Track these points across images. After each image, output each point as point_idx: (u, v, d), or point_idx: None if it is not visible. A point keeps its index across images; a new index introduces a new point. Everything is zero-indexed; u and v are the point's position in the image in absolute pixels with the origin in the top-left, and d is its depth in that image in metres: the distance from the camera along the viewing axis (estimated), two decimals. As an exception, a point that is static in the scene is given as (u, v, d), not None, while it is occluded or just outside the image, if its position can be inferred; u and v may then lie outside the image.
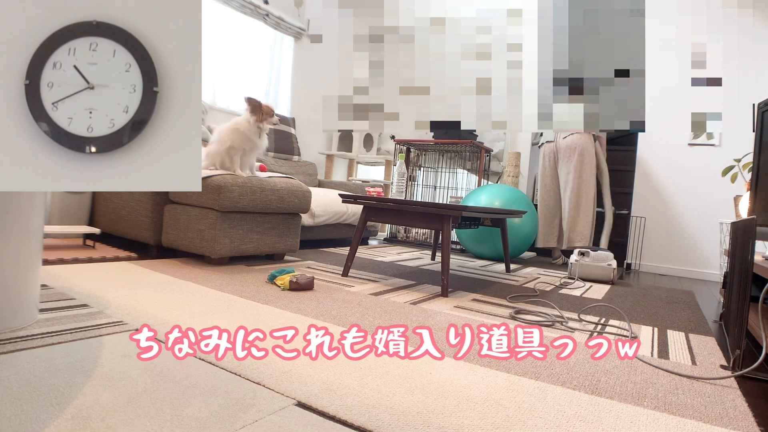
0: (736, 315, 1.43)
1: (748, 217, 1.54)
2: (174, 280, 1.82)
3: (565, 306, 2.04)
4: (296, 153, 3.83)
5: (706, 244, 3.78)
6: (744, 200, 2.45)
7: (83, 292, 1.53)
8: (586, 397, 1.04)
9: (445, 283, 2.01)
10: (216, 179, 2.17)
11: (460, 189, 4.46)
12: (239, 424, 0.79)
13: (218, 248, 2.17)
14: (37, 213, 1.19)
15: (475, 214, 2.26)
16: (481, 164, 3.99)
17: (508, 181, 4.26)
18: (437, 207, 2.02)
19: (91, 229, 2.35)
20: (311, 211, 3.05)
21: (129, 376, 0.94)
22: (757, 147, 1.83)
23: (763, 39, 3.55)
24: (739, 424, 0.97)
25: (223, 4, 3.57)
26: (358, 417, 0.85)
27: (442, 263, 2.03)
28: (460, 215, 2.04)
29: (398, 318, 1.57)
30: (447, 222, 2.02)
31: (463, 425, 0.86)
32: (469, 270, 2.90)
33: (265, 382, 0.97)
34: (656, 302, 2.37)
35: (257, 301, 1.63)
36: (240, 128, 2.31)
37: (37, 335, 1.11)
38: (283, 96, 4.23)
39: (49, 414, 0.76)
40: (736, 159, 3.17)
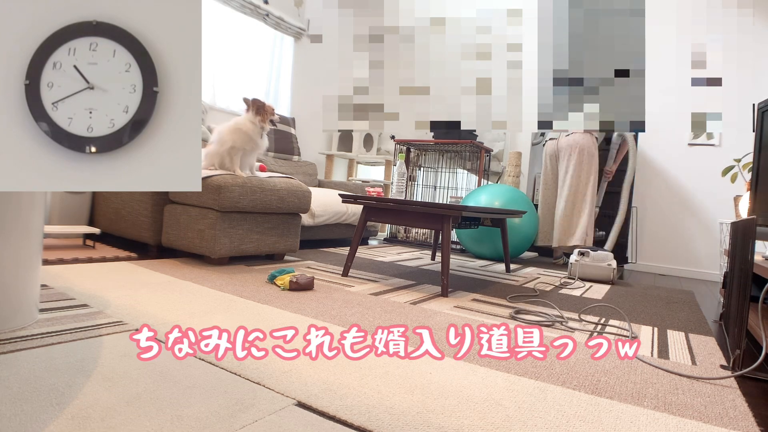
0: (736, 315, 1.43)
1: (748, 217, 1.54)
2: (174, 280, 1.82)
3: (565, 306, 2.04)
4: (296, 153, 3.83)
5: (706, 244, 3.78)
6: (744, 200, 2.45)
7: (83, 292, 1.53)
8: (586, 397, 1.04)
9: (445, 283, 2.01)
10: (216, 179, 2.17)
11: (460, 189, 4.46)
12: (239, 424, 0.79)
13: (218, 248, 2.17)
14: (37, 213, 1.19)
15: (475, 214, 2.26)
16: (481, 164, 3.99)
17: (508, 181, 4.26)
18: (438, 207, 2.02)
19: (91, 229, 2.35)
20: (311, 211, 3.05)
21: (129, 376, 0.94)
22: (757, 147, 1.83)
23: (763, 39, 3.55)
24: (739, 424, 0.97)
25: (223, 4, 3.57)
26: (358, 417, 0.85)
27: (443, 263, 2.03)
28: (460, 215, 2.04)
29: (398, 318, 1.57)
30: (447, 222, 2.03)
31: (463, 425, 0.86)
32: (469, 270, 2.90)
33: (265, 382, 0.97)
34: (656, 302, 2.37)
35: (257, 301, 1.63)
36: (242, 128, 2.31)
37: (37, 335, 1.11)
38: (283, 96, 4.23)
39: (49, 414, 0.76)
40: (736, 159, 3.17)
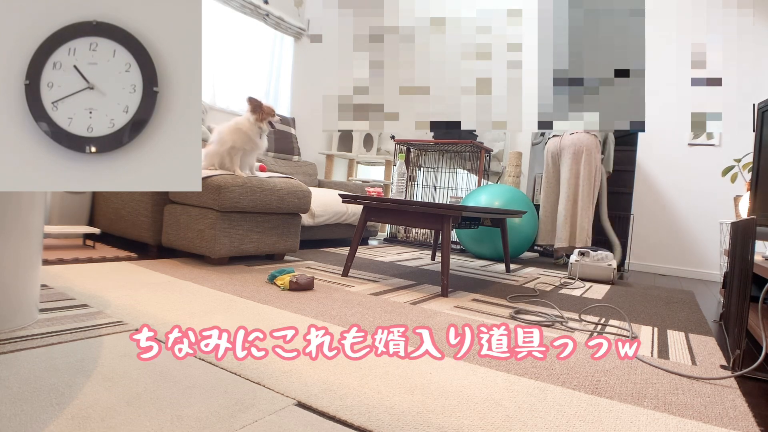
0: (736, 315, 1.43)
1: (748, 217, 1.54)
2: (174, 280, 1.82)
3: (565, 306, 2.04)
4: (296, 153, 3.83)
5: (706, 244, 3.78)
6: (744, 200, 2.45)
7: (83, 292, 1.53)
8: (586, 397, 1.04)
9: (445, 283, 2.01)
10: (216, 179, 2.17)
11: (460, 189, 4.46)
12: (239, 424, 0.79)
13: (218, 248, 2.17)
14: (37, 213, 1.19)
15: (475, 214, 2.26)
16: (481, 164, 3.99)
17: (508, 181, 4.26)
18: (437, 207, 2.02)
19: (91, 229, 2.35)
20: (311, 211, 3.05)
21: (129, 376, 0.94)
22: (757, 147, 1.83)
23: (763, 39, 3.55)
24: (739, 424, 0.97)
25: (223, 4, 3.57)
26: (358, 417, 0.85)
27: (442, 263, 2.03)
28: (460, 215, 2.04)
29: (398, 318, 1.57)
30: (447, 222, 2.03)
31: (463, 425, 0.86)
32: (469, 270, 2.90)
33: (265, 382, 0.97)
34: (656, 302, 2.37)
35: (257, 301, 1.63)
36: (242, 128, 2.31)
37: (37, 335, 1.11)
38: (283, 96, 4.23)
39: (49, 414, 0.76)
40: (736, 159, 3.17)
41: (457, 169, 4.45)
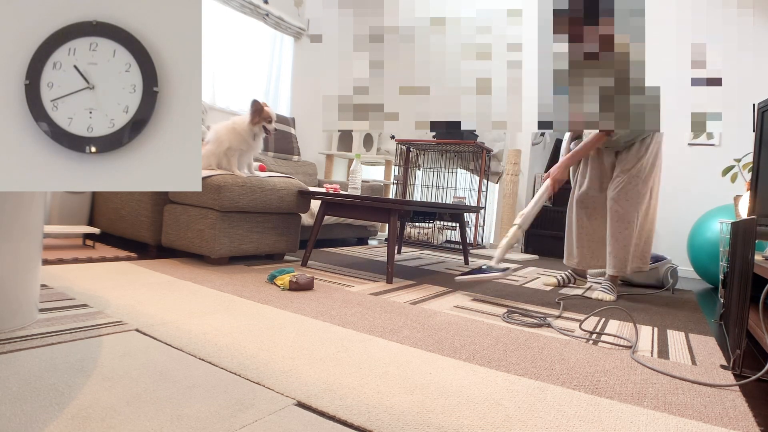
0: (736, 315, 1.43)
1: (748, 217, 1.54)
2: (174, 280, 1.82)
3: (565, 306, 2.04)
4: (296, 153, 3.83)
5: (706, 244, 3.77)
6: (744, 200, 2.45)
7: (83, 292, 1.53)
8: (586, 397, 1.04)
9: (390, 270, 2.21)
10: (216, 179, 2.17)
11: (460, 189, 4.46)
12: (239, 424, 0.79)
13: (218, 248, 2.17)
14: (37, 213, 1.19)
15: (419, 209, 2.36)
16: (482, 164, 3.99)
17: (507, 180, 4.26)
18: (384, 201, 2.19)
19: (90, 229, 2.35)
20: (311, 210, 3.05)
21: (129, 376, 0.94)
22: (757, 147, 1.83)
23: (763, 39, 3.55)
24: (739, 424, 0.97)
25: (223, 4, 3.57)
26: (357, 417, 0.85)
27: (388, 254, 2.21)
28: (403, 209, 2.20)
29: (398, 318, 1.57)
30: (394, 215, 2.19)
31: (463, 425, 0.86)
32: (469, 270, 2.90)
33: (265, 382, 0.97)
34: (656, 302, 2.37)
35: (257, 301, 1.63)
36: (237, 128, 2.32)
37: (36, 335, 1.11)
38: (282, 96, 4.23)
39: (49, 414, 0.76)
40: (736, 159, 3.16)
41: (457, 169, 4.46)
